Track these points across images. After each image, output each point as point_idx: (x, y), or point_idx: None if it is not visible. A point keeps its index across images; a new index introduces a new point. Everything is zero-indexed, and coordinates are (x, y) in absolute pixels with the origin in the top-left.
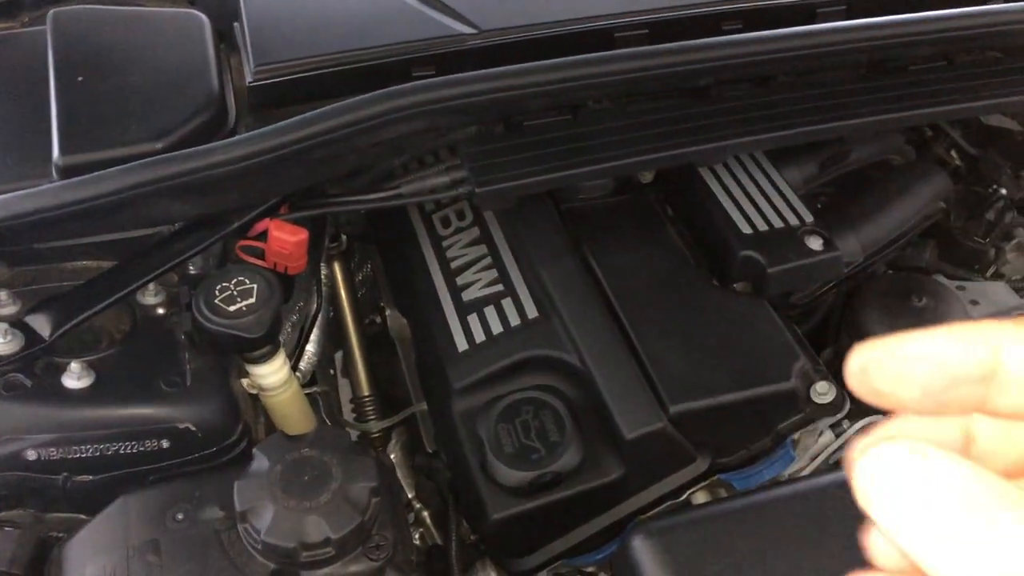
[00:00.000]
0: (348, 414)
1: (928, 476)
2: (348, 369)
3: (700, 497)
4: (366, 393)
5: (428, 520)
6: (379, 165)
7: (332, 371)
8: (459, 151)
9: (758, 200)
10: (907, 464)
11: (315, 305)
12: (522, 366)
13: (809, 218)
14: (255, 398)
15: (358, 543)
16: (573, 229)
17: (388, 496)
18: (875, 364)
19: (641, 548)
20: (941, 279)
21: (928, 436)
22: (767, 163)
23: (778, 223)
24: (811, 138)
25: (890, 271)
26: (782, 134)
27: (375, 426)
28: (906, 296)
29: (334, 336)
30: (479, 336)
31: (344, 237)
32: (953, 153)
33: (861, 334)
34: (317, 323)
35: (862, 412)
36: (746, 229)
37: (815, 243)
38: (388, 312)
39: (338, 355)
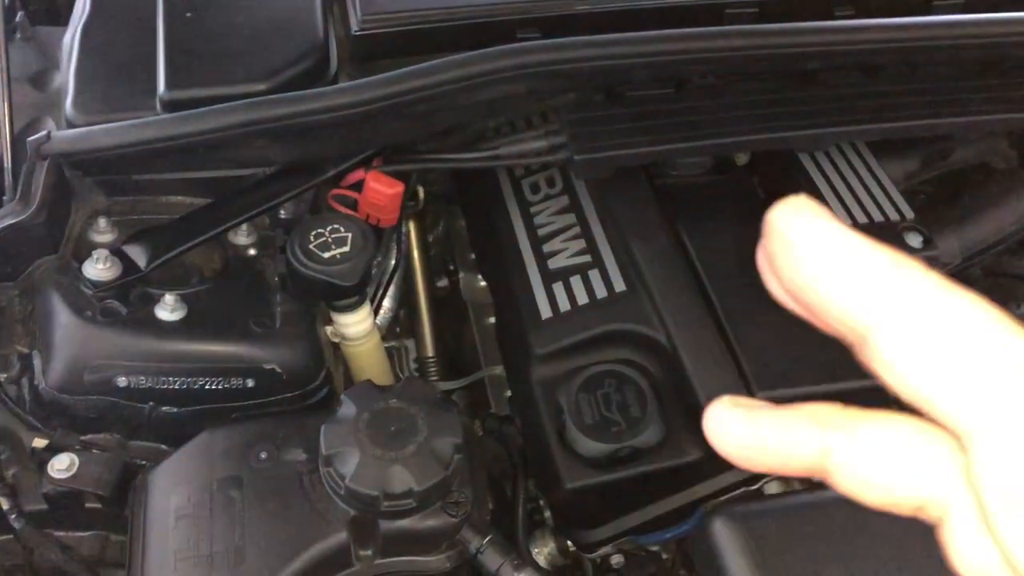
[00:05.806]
0: (411, 374)
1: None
2: (414, 329)
3: (773, 488)
4: (430, 354)
5: None
6: (473, 125)
7: (397, 329)
8: (559, 117)
9: (858, 191)
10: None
11: (393, 261)
12: (606, 339)
13: (910, 214)
14: (336, 347)
15: (438, 498)
16: (667, 205)
17: (469, 454)
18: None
19: (722, 531)
20: None
21: None
22: (869, 155)
23: (878, 216)
24: (918, 133)
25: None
26: (888, 126)
27: (439, 387)
28: (1003, 302)
29: (403, 295)
30: (564, 305)
31: (421, 196)
32: None
33: None
34: (394, 280)
35: None
36: (845, 220)
37: (915, 240)
38: (462, 274)
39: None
